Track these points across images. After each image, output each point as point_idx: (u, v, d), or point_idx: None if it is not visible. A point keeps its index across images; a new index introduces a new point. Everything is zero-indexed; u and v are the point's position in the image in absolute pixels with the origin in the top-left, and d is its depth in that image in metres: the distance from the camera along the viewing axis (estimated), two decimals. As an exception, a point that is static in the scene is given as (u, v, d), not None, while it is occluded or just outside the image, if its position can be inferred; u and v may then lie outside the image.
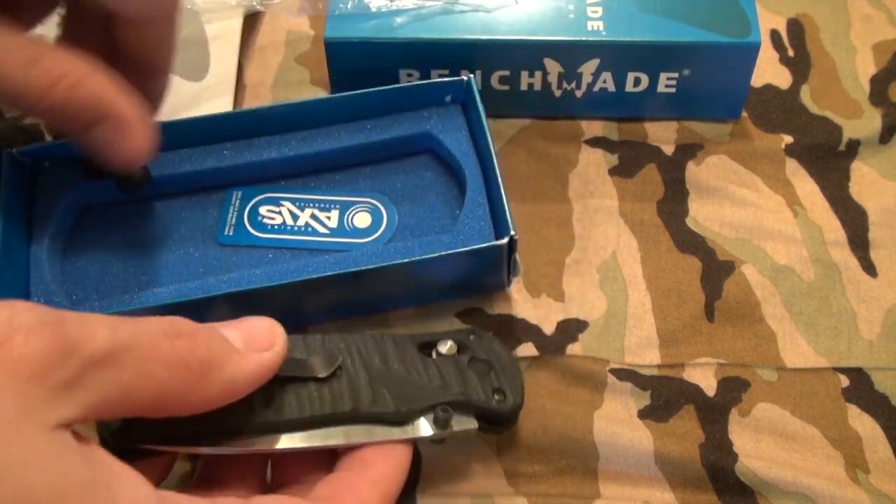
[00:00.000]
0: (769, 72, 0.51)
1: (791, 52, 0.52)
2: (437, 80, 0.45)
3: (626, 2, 0.46)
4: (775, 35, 0.52)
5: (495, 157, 0.41)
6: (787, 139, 0.48)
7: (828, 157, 0.48)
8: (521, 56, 0.46)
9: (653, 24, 0.45)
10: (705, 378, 0.41)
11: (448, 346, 0.38)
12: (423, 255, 0.39)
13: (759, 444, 0.39)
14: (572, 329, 0.42)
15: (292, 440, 0.34)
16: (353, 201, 0.44)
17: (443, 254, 0.39)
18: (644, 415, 0.40)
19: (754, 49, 0.45)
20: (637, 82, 0.47)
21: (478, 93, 0.43)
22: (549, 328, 0.42)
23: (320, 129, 0.44)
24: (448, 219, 0.43)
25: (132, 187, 0.41)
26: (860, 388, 0.40)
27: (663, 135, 0.48)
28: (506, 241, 0.39)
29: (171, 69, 0.41)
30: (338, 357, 0.36)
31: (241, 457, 0.34)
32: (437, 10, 0.46)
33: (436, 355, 0.38)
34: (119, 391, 0.26)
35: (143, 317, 0.28)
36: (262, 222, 0.43)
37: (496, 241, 0.39)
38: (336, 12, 0.46)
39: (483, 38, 0.45)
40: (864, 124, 0.49)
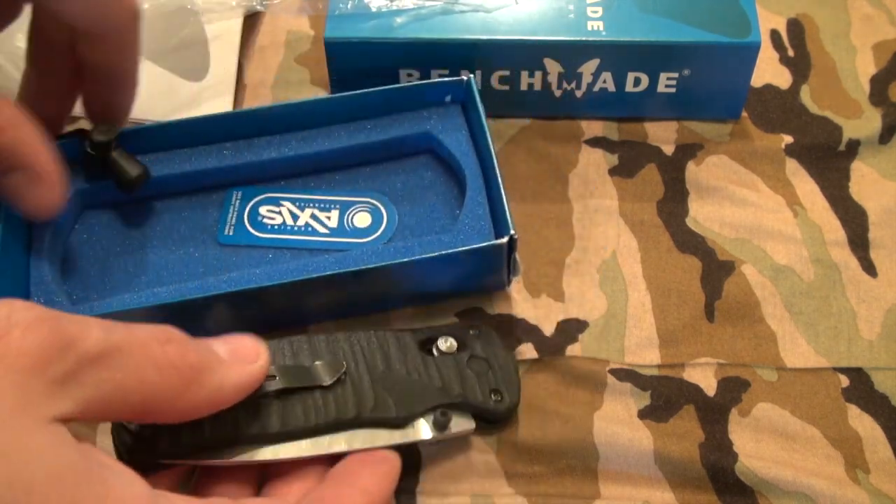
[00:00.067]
0: (769, 72, 0.51)
1: (791, 52, 0.52)
2: (436, 80, 0.45)
3: (626, 2, 0.46)
4: (775, 35, 0.52)
5: (495, 157, 0.41)
6: (787, 139, 0.48)
7: (828, 157, 0.48)
8: (521, 56, 0.46)
9: (653, 24, 0.45)
10: (705, 378, 0.41)
11: (448, 344, 0.38)
12: (423, 255, 0.39)
13: (759, 444, 0.39)
14: (572, 329, 0.42)
15: (297, 449, 0.34)
16: (353, 201, 0.44)
17: (442, 253, 0.39)
18: (644, 415, 0.40)
19: (754, 49, 0.45)
20: (637, 82, 0.47)
21: (478, 93, 0.43)
22: (549, 328, 0.42)
23: (320, 129, 0.44)
24: (448, 219, 0.43)
25: (131, 186, 0.42)
26: (860, 388, 0.40)
27: (663, 135, 0.48)
28: (506, 240, 0.39)
29: (135, 83, 0.41)
30: (342, 363, 0.36)
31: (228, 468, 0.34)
32: (438, 10, 0.46)
33: (436, 352, 0.38)
34: (112, 390, 0.27)
35: (136, 323, 0.29)
36: (262, 222, 0.43)
37: (496, 241, 0.39)
38: (336, 12, 0.46)
39: (483, 38, 0.45)
40: (864, 124, 0.49)
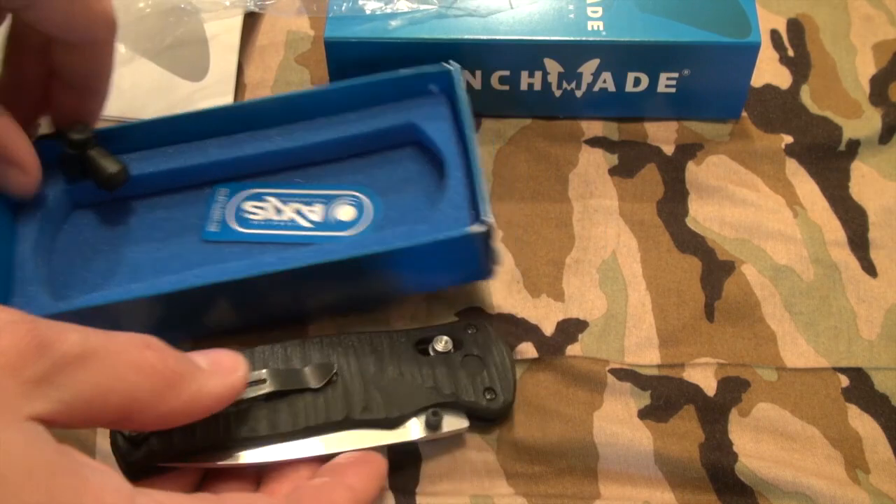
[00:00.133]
0: (769, 72, 0.51)
1: (791, 52, 0.52)
2: (421, 69, 0.44)
3: (626, 2, 0.46)
4: (775, 35, 0.52)
5: (475, 146, 0.40)
6: (787, 139, 0.48)
7: (828, 157, 0.48)
8: (521, 56, 0.46)
9: (653, 24, 0.45)
10: (705, 378, 0.41)
11: (444, 343, 0.38)
12: (394, 245, 0.38)
13: (759, 444, 0.39)
14: (572, 329, 0.42)
15: (287, 450, 0.35)
16: (337, 195, 0.44)
17: (416, 243, 0.38)
18: (644, 415, 0.40)
19: (754, 49, 0.45)
20: (637, 82, 0.47)
21: (461, 82, 0.43)
22: (548, 328, 0.42)
23: (304, 122, 0.44)
24: (432, 210, 0.42)
25: (111, 184, 0.42)
26: (860, 388, 0.40)
27: (663, 135, 0.48)
28: (481, 228, 0.38)
29: (106, 91, 0.42)
30: (332, 366, 0.37)
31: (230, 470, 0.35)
32: (433, 15, 0.46)
33: (433, 352, 0.38)
34: (91, 392, 0.27)
35: (115, 331, 0.29)
36: (246, 218, 0.43)
37: (469, 229, 0.38)
38: (332, 15, 0.46)
39: (483, 38, 0.45)
40: (864, 124, 0.49)
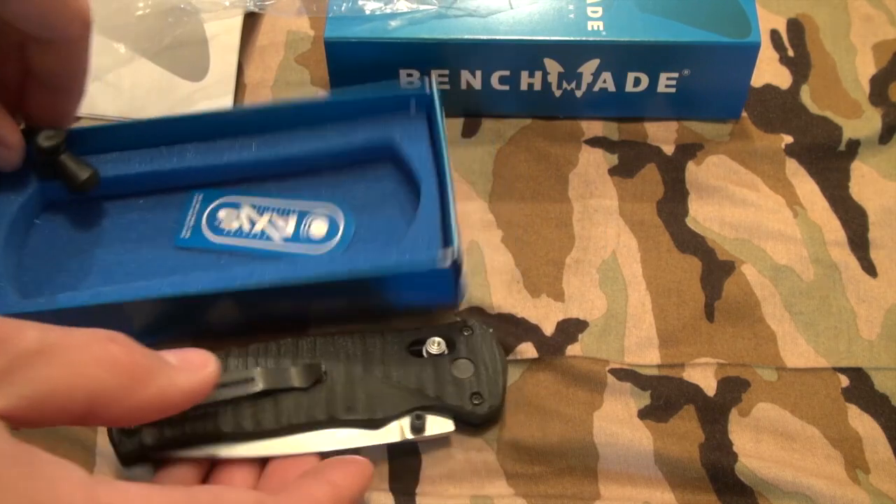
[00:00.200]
0: (769, 72, 0.51)
1: (791, 52, 0.52)
2: (401, 88, 0.43)
3: (626, 2, 0.46)
4: (775, 35, 0.52)
5: (449, 171, 0.40)
6: (787, 139, 0.48)
7: (828, 157, 0.48)
8: (521, 56, 0.46)
9: (653, 24, 0.45)
10: (705, 378, 0.41)
11: (437, 346, 0.39)
12: (363, 271, 0.38)
13: (759, 444, 0.39)
14: (572, 329, 0.42)
15: (273, 447, 0.36)
16: (311, 209, 0.44)
17: (382, 271, 0.38)
18: (644, 415, 0.40)
19: (754, 49, 0.45)
20: (637, 82, 0.47)
21: (439, 103, 0.42)
22: (549, 328, 0.42)
23: (283, 133, 0.44)
24: (404, 230, 0.42)
25: (82, 189, 0.42)
26: (860, 388, 0.40)
27: (663, 135, 0.48)
28: (447, 260, 0.38)
29: (82, 90, 0.42)
30: (320, 367, 0.37)
31: (233, 462, 0.36)
32: (433, 15, 0.46)
33: (426, 354, 0.39)
34: (52, 387, 0.27)
35: (77, 328, 0.29)
36: (219, 227, 0.43)
37: (436, 260, 0.38)
38: (332, 15, 0.46)
39: (483, 38, 0.45)
40: (864, 124, 0.49)
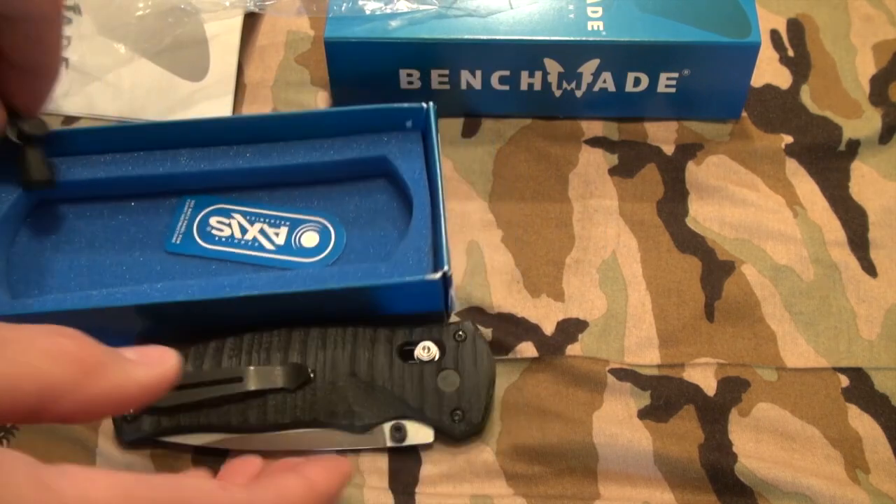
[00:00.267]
0: (769, 72, 0.51)
1: (791, 52, 0.52)
2: (398, 105, 0.43)
3: (626, 2, 0.46)
4: (775, 35, 0.52)
5: (442, 189, 0.40)
6: (787, 139, 0.48)
7: (828, 157, 0.48)
8: (521, 56, 0.46)
9: (653, 24, 0.45)
10: (705, 378, 0.41)
11: (427, 351, 0.39)
12: (352, 285, 0.38)
13: (759, 444, 0.39)
14: (572, 329, 0.42)
15: (257, 441, 0.38)
16: (303, 220, 0.44)
17: (371, 286, 0.38)
18: (644, 415, 0.40)
19: (754, 49, 0.45)
20: (637, 82, 0.47)
21: (435, 121, 0.42)
22: (549, 328, 0.42)
23: (278, 143, 0.44)
24: (395, 246, 0.42)
25: (30, 187, 0.42)
26: (860, 388, 0.40)
27: (663, 135, 0.48)
28: (439, 276, 0.38)
29: (55, 72, 0.41)
30: (307, 368, 0.38)
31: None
32: (433, 15, 0.46)
33: (416, 359, 0.39)
34: None
35: (30, 324, 0.29)
36: (210, 233, 0.43)
37: (425, 277, 0.38)
38: (332, 15, 0.46)
39: (483, 38, 0.45)
40: (864, 124, 0.49)
